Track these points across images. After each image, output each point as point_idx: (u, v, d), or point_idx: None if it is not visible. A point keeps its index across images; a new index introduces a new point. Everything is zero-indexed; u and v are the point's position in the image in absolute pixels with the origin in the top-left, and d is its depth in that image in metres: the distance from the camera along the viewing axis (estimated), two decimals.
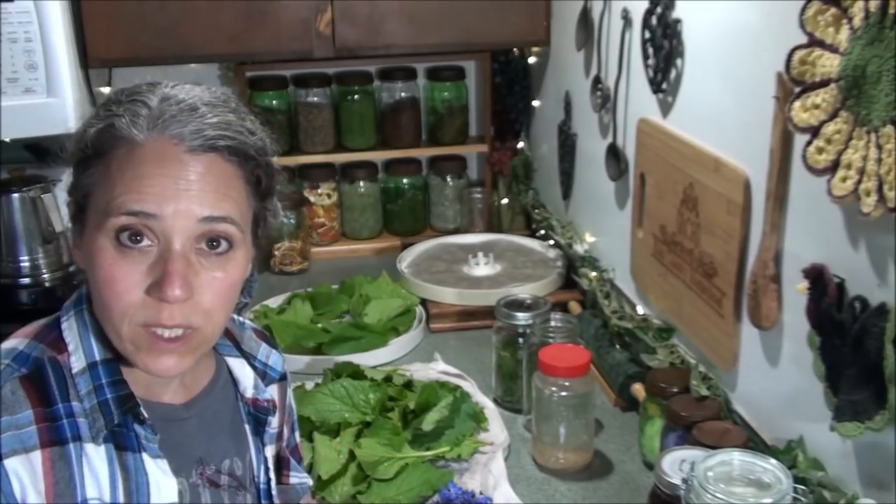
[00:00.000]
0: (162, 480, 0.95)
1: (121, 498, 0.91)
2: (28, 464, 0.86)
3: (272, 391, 1.14)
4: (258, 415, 1.11)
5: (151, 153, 0.89)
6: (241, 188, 0.95)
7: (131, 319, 0.89)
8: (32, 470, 0.86)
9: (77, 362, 0.93)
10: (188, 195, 0.89)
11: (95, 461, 0.90)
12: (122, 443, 0.93)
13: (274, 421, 1.13)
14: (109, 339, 0.94)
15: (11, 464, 0.85)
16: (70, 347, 0.94)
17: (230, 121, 0.93)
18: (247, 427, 1.10)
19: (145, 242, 0.89)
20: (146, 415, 0.94)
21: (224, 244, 0.93)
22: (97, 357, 0.94)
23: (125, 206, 0.88)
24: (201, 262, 0.91)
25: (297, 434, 1.25)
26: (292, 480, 1.22)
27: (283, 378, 1.18)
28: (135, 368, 0.94)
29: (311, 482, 1.25)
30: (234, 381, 1.10)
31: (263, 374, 1.13)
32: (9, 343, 0.94)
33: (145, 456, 0.94)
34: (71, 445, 0.89)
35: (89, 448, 0.90)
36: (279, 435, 1.18)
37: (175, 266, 0.88)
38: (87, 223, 0.93)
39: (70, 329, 0.95)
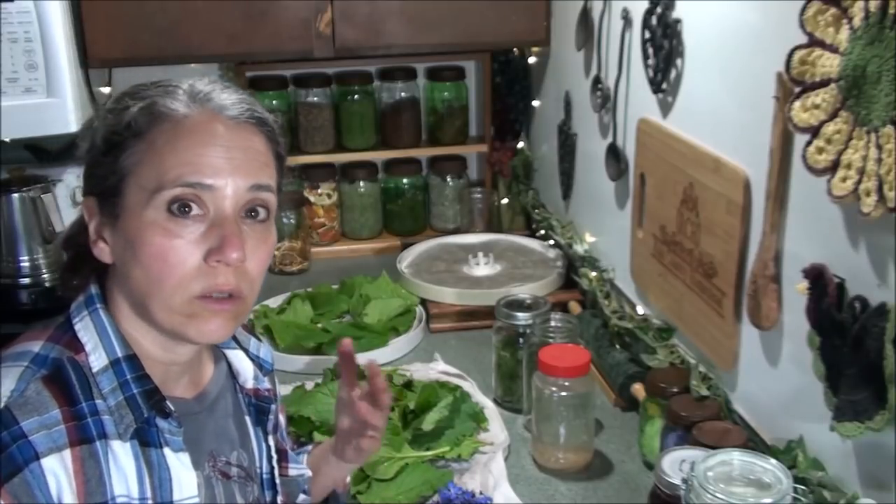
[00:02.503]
0: (183, 475, 0.96)
1: (148, 494, 0.92)
2: (62, 462, 0.86)
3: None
4: (260, 405, 1.12)
5: (198, 125, 0.93)
6: (273, 161, 0.99)
7: (185, 290, 0.91)
8: (66, 468, 0.86)
9: (97, 361, 0.93)
10: (238, 164, 0.93)
11: (122, 458, 0.91)
12: (145, 438, 0.94)
13: (274, 409, 1.15)
14: (127, 336, 0.95)
15: (49, 463, 0.85)
16: (88, 347, 0.94)
17: (252, 100, 0.99)
18: (247, 418, 1.12)
19: (196, 212, 0.91)
20: (171, 408, 0.95)
21: (263, 213, 0.96)
22: (119, 354, 0.94)
23: (182, 178, 0.90)
24: (247, 230, 0.94)
25: (282, 419, 1.27)
26: (292, 472, 1.22)
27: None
28: (147, 364, 0.95)
29: (310, 473, 1.26)
30: (233, 374, 1.11)
31: (259, 365, 1.14)
32: (22, 346, 0.93)
33: (167, 451, 0.95)
34: (97, 443, 0.89)
35: (115, 445, 0.91)
36: (275, 424, 1.19)
37: (234, 230, 0.92)
38: (126, 206, 0.93)
39: (86, 329, 0.95)
